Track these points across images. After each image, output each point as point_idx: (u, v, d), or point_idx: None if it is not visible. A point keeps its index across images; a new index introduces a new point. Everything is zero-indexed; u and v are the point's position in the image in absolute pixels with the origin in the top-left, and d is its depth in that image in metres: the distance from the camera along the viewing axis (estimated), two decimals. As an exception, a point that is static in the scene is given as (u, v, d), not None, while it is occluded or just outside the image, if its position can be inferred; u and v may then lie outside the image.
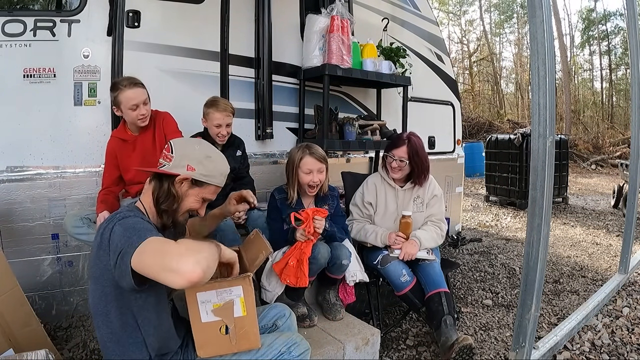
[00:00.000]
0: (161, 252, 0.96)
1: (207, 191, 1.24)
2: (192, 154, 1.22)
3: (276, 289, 1.90)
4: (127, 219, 1.08)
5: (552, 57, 1.67)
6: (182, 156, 1.20)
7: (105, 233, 1.06)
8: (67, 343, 2.04)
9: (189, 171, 1.19)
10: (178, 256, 0.92)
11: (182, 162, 1.19)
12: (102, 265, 1.06)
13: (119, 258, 0.99)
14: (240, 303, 1.20)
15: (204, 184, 1.22)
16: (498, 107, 18.17)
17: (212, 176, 1.23)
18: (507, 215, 5.84)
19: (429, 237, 2.20)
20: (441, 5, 19.64)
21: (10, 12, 2.13)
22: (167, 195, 1.19)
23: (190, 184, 1.21)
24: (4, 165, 2.11)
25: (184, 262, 0.91)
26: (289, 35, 2.85)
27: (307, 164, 1.96)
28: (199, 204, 1.25)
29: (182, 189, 1.20)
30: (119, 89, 1.91)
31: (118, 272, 1.00)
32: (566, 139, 6.66)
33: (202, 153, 1.23)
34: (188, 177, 1.19)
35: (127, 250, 0.97)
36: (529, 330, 1.76)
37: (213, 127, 2.16)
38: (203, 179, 1.21)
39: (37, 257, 2.16)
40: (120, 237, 1.02)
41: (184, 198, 1.21)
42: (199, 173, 1.20)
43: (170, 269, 0.91)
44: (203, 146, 1.28)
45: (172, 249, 0.96)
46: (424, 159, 2.21)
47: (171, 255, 0.93)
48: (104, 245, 1.05)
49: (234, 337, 1.20)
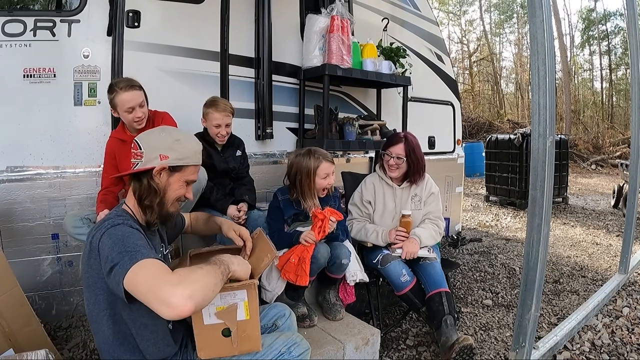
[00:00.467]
0: (154, 281, 0.92)
1: (188, 173, 1.22)
2: (160, 143, 1.19)
3: (276, 289, 1.90)
4: (115, 228, 1.06)
5: (552, 57, 1.67)
6: (152, 148, 1.17)
7: (94, 242, 1.05)
8: (67, 343, 2.04)
9: (163, 160, 1.16)
10: (170, 287, 0.89)
11: (153, 154, 1.17)
12: (94, 273, 1.06)
13: (111, 272, 0.98)
14: (244, 307, 1.20)
15: (182, 167, 1.20)
16: (498, 107, 18.18)
17: (187, 157, 1.21)
18: (507, 215, 5.84)
19: (427, 235, 2.21)
20: (441, 5, 19.64)
21: (10, 12, 2.13)
22: (148, 190, 1.17)
23: (168, 172, 1.19)
24: (4, 165, 2.11)
25: (176, 295, 0.88)
26: (289, 35, 2.85)
27: (324, 169, 1.98)
28: (184, 188, 1.23)
29: (162, 179, 1.18)
30: (115, 92, 1.90)
31: (110, 283, 0.99)
32: (566, 139, 6.66)
33: (170, 138, 1.20)
34: (164, 166, 1.17)
35: (119, 270, 0.96)
36: (529, 330, 1.76)
37: (212, 127, 2.16)
38: (179, 162, 1.19)
39: (37, 257, 2.16)
40: (110, 250, 1.00)
41: (167, 188, 1.20)
42: (174, 158, 1.18)
43: (161, 301, 0.89)
44: (168, 132, 1.25)
45: (165, 278, 0.92)
46: (420, 157, 2.25)
47: (163, 287, 0.90)
48: (94, 254, 1.04)
49: (236, 340, 1.20)
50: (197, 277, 0.96)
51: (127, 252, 0.99)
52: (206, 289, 0.95)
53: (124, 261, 0.96)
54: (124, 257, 0.97)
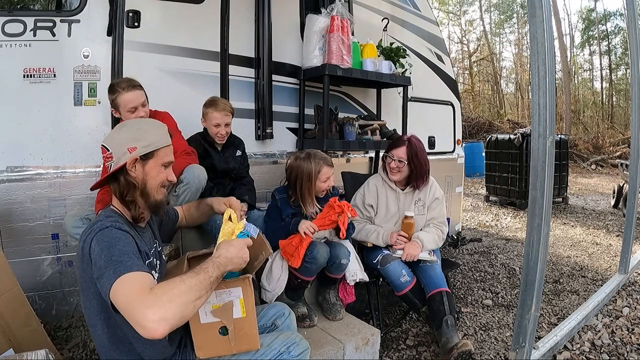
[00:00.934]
0: (130, 299, 0.91)
1: (162, 156, 1.20)
2: (123, 138, 1.18)
3: (276, 289, 1.90)
4: (103, 233, 1.04)
5: (552, 57, 1.67)
6: (117, 145, 1.16)
7: (85, 247, 1.04)
8: (67, 343, 2.04)
9: (132, 152, 1.15)
10: (144, 309, 0.87)
11: (121, 150, 1.15)
12: (87, 277, 1.05)
13: (100, 280, 0.98)
14: (240, 304, 1.20)
15: (153, 153, 1.18)
16: (498, 107, 18.18)
17: (155, 141, 1.19)
18: (507, 215, 5.84)
19: (430, 239, 2.20)
20: (441, 5, 19.64)
21: (10, 12, 2.13)
22: (127, 186, 1.17)
23: (141, 162, 1.17)
24: (4, 165, 2.11)
25: (148, 320, 0.86)
26: (289, 35, 2.85)
27: (325, 174, 2.00)
28: (163, 172, 1.21)
29: (138, 171, 1.17)
30: (117, 92, 1.90)
31: (101, 291, 0.99)
32: (566, 139, 6.66)
33: (132, 130, 1.20)
34: (135, 157, 1.15)
35: (104, 283, 0.95)
36: (529, 330, 1.76)
37: (212, 127, 2.17)
38: (148, 149, 1.17)
39: (37, 257, 2.16)
40: (98, 257, 1.00)
41: (146, 177, 1.18)
42: (142, 147, 1.16)
43: (136, 322, 0.88)
44: (128, 125, 1.24)
45: (141, 298, 0.90)
46: (423, 161, 2.21)
47: (138, 308, 0.88)
48: (85, 259, 1.04)
49: (233, 338, 1.20)
50: (175, 295, 0.91)
51: (112, 262, 0.97)
52: (184, 307, 0.91)
53: (109, 274, 0.95)
54: (109, 269, 0.96)
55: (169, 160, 1.23)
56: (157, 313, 0.87)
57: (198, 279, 0.97)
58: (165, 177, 1.22)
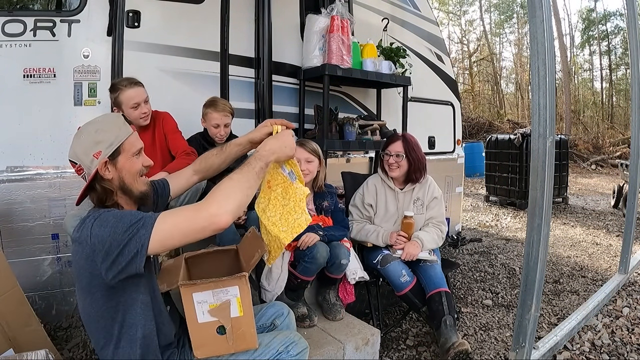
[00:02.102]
0: (188, 218, 1.01)
1: (128, 147, 1.16)
2: (84, 145, 1.12)
3: (276, 289, 1.89)
4: (102, 216, 1.04)
5: (552, 57, 1.67)
6: (83, 155, 1.12)
7: (84, 238, 1.03)
8: (67, 343, 2.04)
9: (100, 157, 1.11)
10: (208, 210, 1.00)
11: (87, 159, 1.11)
12: (87, 273, 1.04)
13: (126, 247, 0.98)
14: (237, 303, 1.20)
15: (119, 149, 1.14)
16: (498, 107, 18.17)
17: (116, 137, 1.14)
18: (507, 215, 5.84)
19: (430, 239, 2.20)
20: (441, 5, 19.64)
21: (10, 12, 2.13)
22: (104, 193, 1.15)
23: (111, 162, 1.14)
24: (4, 165, 2.11)
25: (214, 213, 1.00)
26: (289, 35, 2.85)
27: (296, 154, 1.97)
28: (136, 162, 1.18)
29: (112, 172, 1.14)
30: (119, 90, 1.90)
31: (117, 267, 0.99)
32: (566, 139, 6.66)
33: (90, 134, 1.13)
34: (104, 160, 1.12)
35: (137, 240, 0.98)
36: (529, 330, 1.76)
37: (211, 127, 2.17)
38: (113, 147, 1.13)
39: (37, 257, 2.16)
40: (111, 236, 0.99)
41: (122, 174, 1.15)
42: (106, 148, 1.12)
43: (202, 227, 0.99)
44: (83, 131, 1.16)
45: (197, 208, 1.02)
46: (420, 155, 2.24)
47: (201, 214, 1.00)
48: (85, 253, 1.02)
49: (231, 338, 1.20)
50: (227, 192, 1.04)
51: (135, 223, 1.00)
52: (239, 198, 1.05)
53: (141, 232, 0.99)
54: (136, 229, 1.00)
55: (138, 148, 1.18)
56: (221, 207, 1.01)
57: (242, 173, 1.10)
58: (140, 164, 1.19)
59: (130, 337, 1.11)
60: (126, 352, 1.11)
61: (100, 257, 1.00)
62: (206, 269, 1.52)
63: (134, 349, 1.12)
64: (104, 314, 1.09)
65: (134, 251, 0.99)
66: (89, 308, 1.09)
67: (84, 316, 1.13)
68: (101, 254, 1.00)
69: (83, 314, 1.13)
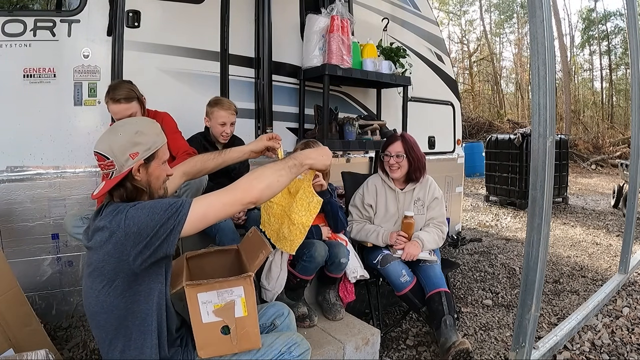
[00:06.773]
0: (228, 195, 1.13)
1: (161, 155, 1.21)
2: (121, 143, 1.13)
3: (276, 288, 1.90)
4: (136, 205, 1.08)
5: (552, 57, 1.67)
6: (119, 152, 1.12)
7: (117, 223, 1.04)
8: (67, 343, 2.04)
9: (136, 158, 1.14)
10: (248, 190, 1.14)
11: (123, 157, 1.12)
12: (114, 259, 1.04)
13: (167, 222, 1.05)
14: (242, 303, 1.20)
15: (154, 154, 1.18)
16: (498, 107, 18.17)
17: (154, 142, 1.18)
18: (507, 215, 5.84)
19: (430, 239, 2.20)
20: (441, 5, 19.63)
21: (10, 12, 2.13)
22: (135, 192, 1.16)
23: (145, 165, 1.17)
24: (4, 165, 2.11)
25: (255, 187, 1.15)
26: (289, 35, 2.85)
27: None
28: (164, 169, 1.23)
29: (142, 175, 1.17)
30: (107, 101, 1.89)
31: (152, 245, 1.04)
32: (566, 139, 6.66)
33: (128, 133, 1.15)
34: (140, 162, 1.15)
35: (178, 217, 1.06)
36: (529, 330, 1.76)
37: (217, 125, 2.17)
38: (150, 152, 1.17)
39: (37, 257, 2.16)
40: (149, 216, 1.05)
41: (150, 179, 1.19)
42: (144, 151, 1.15)
43: (241, 204, 1.13)
44: (122, 128, 1.19)
45: (234, 188, 1.15)
46: (419, 153, 2.26)
47: (241, 194, 1.13)
48: (116, 237, 1.03)
49: (235, 338, 1.20)
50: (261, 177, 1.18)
51: (172, 205, 1.07)
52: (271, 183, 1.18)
53: (179, 210, 1.06)
54: (175, 208, 1.06)
55: (167, 156, 1.25)
56: (259, 185, 1.15)
57: (275, 166, 1.25)
58: (166, 173, 1.24)
59: (144, 329, 1.12)
60: (138, 344, 1.12)
61: (131, 241, 1.03)
62: (207, 269, 1.53)
63: (148, 340, 1.12)
64: (119, 304, 1.08)
65: (169, 229, 1.05)
66: (104, 297, 1.08)
67: (94, 308, 1.11)
68: (134, 235, 1.03)
69: (93, 306, 1.11)
